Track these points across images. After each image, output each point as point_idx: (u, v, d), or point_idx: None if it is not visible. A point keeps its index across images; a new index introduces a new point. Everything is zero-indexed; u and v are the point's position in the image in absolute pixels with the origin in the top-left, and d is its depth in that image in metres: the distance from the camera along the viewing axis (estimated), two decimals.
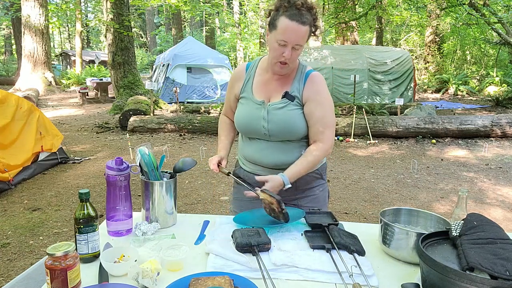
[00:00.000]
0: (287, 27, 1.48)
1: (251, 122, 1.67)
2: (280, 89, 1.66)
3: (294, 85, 1.65)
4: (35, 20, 13.42)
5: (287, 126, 1.63)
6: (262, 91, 1.69)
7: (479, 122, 7.28)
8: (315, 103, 1.63)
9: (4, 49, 29.65)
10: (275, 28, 1.52)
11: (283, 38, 1.50)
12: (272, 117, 1.63)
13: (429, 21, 16.47)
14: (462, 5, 10.99)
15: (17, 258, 2.96)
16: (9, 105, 4.73)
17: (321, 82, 1.67)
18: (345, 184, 4.81)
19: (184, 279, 1.10)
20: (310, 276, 1.18)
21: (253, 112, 1.67)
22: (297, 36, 1.49)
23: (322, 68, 10.76)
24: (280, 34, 1.50)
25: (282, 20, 1.49)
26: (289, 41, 1.50)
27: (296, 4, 1.48)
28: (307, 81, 1.65)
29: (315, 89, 1.64)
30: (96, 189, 4.51)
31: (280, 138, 1.66)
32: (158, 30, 32.95)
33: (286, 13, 1.49)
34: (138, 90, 10.85)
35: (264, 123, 1.64)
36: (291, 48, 1.51)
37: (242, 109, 1.72)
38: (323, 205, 1.84)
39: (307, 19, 1.50)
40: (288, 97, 1.63)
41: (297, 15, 1.48)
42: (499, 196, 4.42)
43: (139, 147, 1.54)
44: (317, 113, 1.63)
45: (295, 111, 1.63)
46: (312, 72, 1.67)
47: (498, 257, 0.98)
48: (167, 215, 1.54)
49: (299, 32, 1.49)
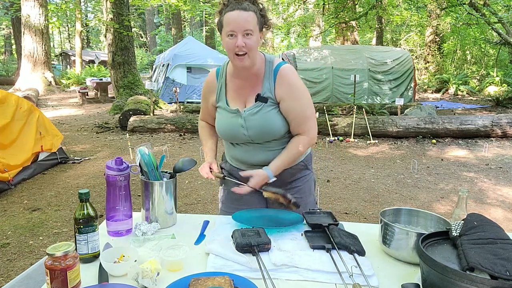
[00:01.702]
0: (230, 17, 1.50)
1: (231, 131, 1.67)
2: (253, 92, 1.64)
3: (264, 85, 1.62)
4: (35, 20, 13.42)
5: (267, 129, 1.62)
6: (236, 99, 1.68)
7: (479, 122, 7.28)
8: (290, 98, 1.60)
9: (4, 49, 29.65)
10: (223, 26, 1.54)
11: (229, 29, 1.50)
12: (250, 123, 1.62)
13: (429, 21, 16.47)
14: (462, 5, 10.98)
15: (17, 258, 2.96)
16: (9, 105, 4.73)
17: (292, 75, 1.62)
18: (345, 184, 4.81)
19: (184, 279, 1.10)
20: (310, 276, 1.18)
21: (231, 121, 1.66)
22: (242, 22, 1.49)
23: (322, 68, 10.77)
24: (226, 26, 1.51)
25: (226, 16, 1.51)
26: (236, 29, 1.49)
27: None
28: (276, 78, 1.61)
29: (286, 85, 1.61)
30: (96, 189, 4.51)
31: (263, 140, 1.66)
32: (158, 30, 32.96)
33: (227, 9, 1.51)
34: (138, 90, 10.85)
35: (244, 131, 1.63)
36: (242, 36, 1.50)
37: (221, 119, 1.71)
38: (309, 195, 1.83)
39: (249, 6, 1.51)
40: (261, 100, 1.60)
41: (236, 4, 1.50)
42: (499, 196, 4.42)
43: (139, 147, 1.54)
44: (294, 108, 1.61)
45: (271, 112, 1.61)
46: (280, 67, 1.63)
47: (498, 257, 0.98)
48: (167, 215, 1.54)
49: (241, 17, 1.49)
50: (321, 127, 7.61)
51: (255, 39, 1.52)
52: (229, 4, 1.52)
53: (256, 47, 1.55)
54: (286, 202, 1.52)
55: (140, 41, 34.39)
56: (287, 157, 1.64)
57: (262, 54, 1.65)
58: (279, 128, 1.63)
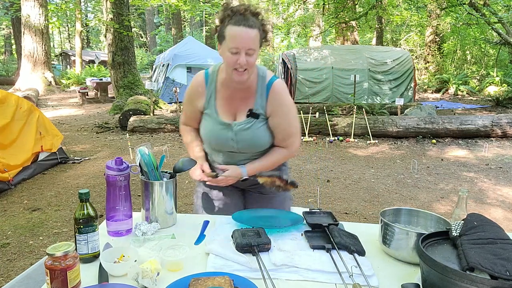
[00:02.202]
0: (235, 33, 1.47)
1: (219, 141, 1.69)
2: (244, 105, 1.65)
3: (257, 101, 1.64)
4: (35, 20, 13.42)
5: (256, 144, 1.67)
6: (226, 109, 1.67)
7: (479, 122, 7.28)
8: (279, 115, 1.65)
9: (4, 49, 29.64)
10: (224, 39, 1.51)
11: (233, 46, 1.48)
12: (241, 137, 1.65)
13: (429, 21, 16.47)
14: (462, 5, 10.98)
15: (17, 258, 2.96)
16: (9, 105, 4.73)
17: (283, 92, 1.67)
18: (345, 184, 4.81)
19: (184, 279, 1.10)
20: (310, 276, 1.18)
21: (220, 132, 1.67)
22: (247, 40, 1.47)
23: (322, 68, 10.77)
24: (230, 42, 1.48)
25: (229, 28, 1.48)
26: (241, 47, 1.47)
27: (239, 10, 1.48)
28: (269, 94, 1.64)
29: (278, 102, 1.64)
30: (96, 189, 4.51)
31: (250, 152, 1.71)
32: (158, 30, 32.95)
33: (231, 21, 1.48)
34: (138, 90, 10.85)
35: (234, 143, 1.67)
36: (245, 54, 1.49)
37: (209, 128, 1.70)
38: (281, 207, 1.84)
39: (254, 23, 1.49)
40: (253, 116, 1.64)
41: (242, 20, 1.47)
42: (499, 196, 4.42)
43: (139, 147, 1.54)
44: (282, 124, 1.67)
45: (262, 127, 1.66)
46: (273, 83, 1.65)
47: (498, 257, 0.98)
48: (167, 215, 1.54)
49: (248, 36, 1.47)
50: (321, 127, 7.61)
51: (256, 56, 1.53)
52: (234, 16, 1.49)
53: (255, 63, 1.57)
54: (283, 183, 1.55)
55: (140, 41, 34.39)
56: (264, 163, 1.71)
57: (256, 67, 1.64)
58: (267, 142, 1.69)
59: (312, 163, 5.78)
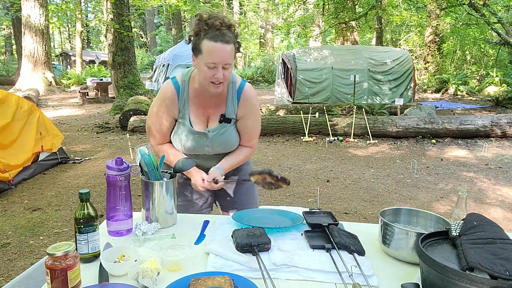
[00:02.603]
0: (212, 49, 1.49)
1: (195, 148, 1.75)
2: (215, 111, 1.71)
3: (228, 107, 1.72)
4: (35, 20, 13.42)
5: (229, 146, 1.79)
6: (199, 117, 1.72)
7: (479, 122, 7.28)
8: (248, 117, 1.76)
9: (4, 49, 29.64)
10: (201, 53, 1.53)
11: (211, 61, 1.51)
12: (215, 142, 1.74)
13: (429, 21, 16.46)
14: (462, 5, 10.98)
15: (17, 258, 2.96)
16: (9, 105, 4.73)
17: (253, 96, 1.77)
18: (345, 184, 4.81)
19: (184, 279, 1.10)
20: (310, 276, 1.18)
21: (196, 141, 1.73)
22: (224, 56, 1.51)
23: (322, 68, 10.76)
24: (207, 57, 1.51)
25: (206, 43, 1.50)
26: (218, 62, 1.51)
27: (215, 25, 1.48)
28: (240, 99, 1.72)
29: (248, 106, 1.74)
30: (96, 189, 4.51)
31: (222, 153, 1.81)
32: (158, 30, 32.96)
33: (207, 35, 1.49)
34: (138, 90, 10.85)
35: (209, 149, 1.76)
36: (221, 68, 1.52)
37: (184, 136, 1.73)
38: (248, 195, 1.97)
39: (230, 37, 1.52)
40: (225, 121, 1.72)
41: (219, 36, 1.49)
42: (499, 196, 4.43)
43: (139, 147, 1.54)
44: (249, 126, 1.79)
45: (233, 130, 1.77)
46: (243, 88, 1.72)
47: (498, 257, 0.99)
48: (167, 215, 1.54)
49: (225, 51, 1.50)
50: (321, 127, 7.61)
51: (231, 69, 1.58)
52: (210, 31, 1.49)
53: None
54: (274, 180, 1.57)
55: (140, 41, 34.39)
56: (233, 162, 1.81)
57: None
58: (237, 143, 1.81)
59: (312, 163, 5.78)
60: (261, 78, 19.68)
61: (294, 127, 7.66)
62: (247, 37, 26.11)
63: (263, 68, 20.60)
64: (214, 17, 1.51)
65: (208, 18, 1.51)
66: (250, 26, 27.13)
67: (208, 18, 1.51)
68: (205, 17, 1.52)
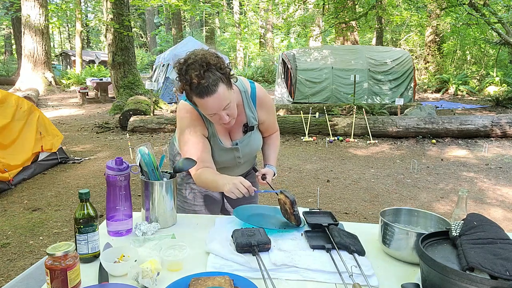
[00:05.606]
0: (204, 104, 1.47)
1: (227, 163, 1.77)
2: (236, 122, 1.68)
3: (248, 114, 1.73)
4: (35, 20, 13.41)
5: (256, 149, 1.84)
6: (224, 134, 1.73)
7: (479, 122, 7.28)
8: (268, 116, 1.81)
9: (4, 49, 29.62)
10: (195, 105, 1.55)
11: (208, 113, 1.53)
12: (244, 151, 1.78)
13: (429, 21, 16.46)
14: (462, 5, 10.97)
15: (17, 258, 2.96)
16: (9, 105, 4.73)
17: (266, 95, 1.79)
18: (345, 184, 4.81)
19: (184, 279, 1.10)
20: (310, 276, 1.18)
21: (227, 156, 1.75)
22: (218, 104, 1.47)
23: (322, 68, 10.76)
24: (203, 110, 1.53)
25: (195, 99, 1.48)
26: (215, 111, 1.49)
27: (193, 83, 1.42)
28: (256, 103, 1.74)
29: (265, 107, 1.78)
30: (96, 189, 4.51)
31: (250, 158, 1.87)
32: (158, 30, 32.94)
33: (193, 93, 1.46)
34: (138, 90, 10.85)
35: (239, 160, 1.80)
36: (222, 111, 1.50)
37: (215, 153, 1.71)
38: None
39: (215, 82, 1.42)
40: (249, 129, 1.76)
41: (203, 89, 1.42)
42: (499, 196, 4.42)
43: (139, 147, 1.54)
44: (271, 121, 1.85)
45: (257, 133, 1.81)
46: (255, 93, 1.73)
47: (498, 257, 0.98)
48: (167, 215, 1.54)
49: (217, 100, 1.45)
50: (321, 127, 7.61)
51: (233, 103, 1.54)
52: (193, 88, 1.43)
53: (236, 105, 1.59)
54: (290, 210, 1.46)
55: (140, 41, 34.39)
56: (276, 153, 1.91)
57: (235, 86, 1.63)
58: (261, 142, 1.87)
59: (312, 163, 5.78)
60: (261, 78, 19.69)
61: (294, 127, 7.66)
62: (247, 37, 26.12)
63: (263, 68, 20.62)
64: (191, 68, 1.42)
65: (186, 72, 1.43)
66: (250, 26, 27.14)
67: (186, 72, 1.43)
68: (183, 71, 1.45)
